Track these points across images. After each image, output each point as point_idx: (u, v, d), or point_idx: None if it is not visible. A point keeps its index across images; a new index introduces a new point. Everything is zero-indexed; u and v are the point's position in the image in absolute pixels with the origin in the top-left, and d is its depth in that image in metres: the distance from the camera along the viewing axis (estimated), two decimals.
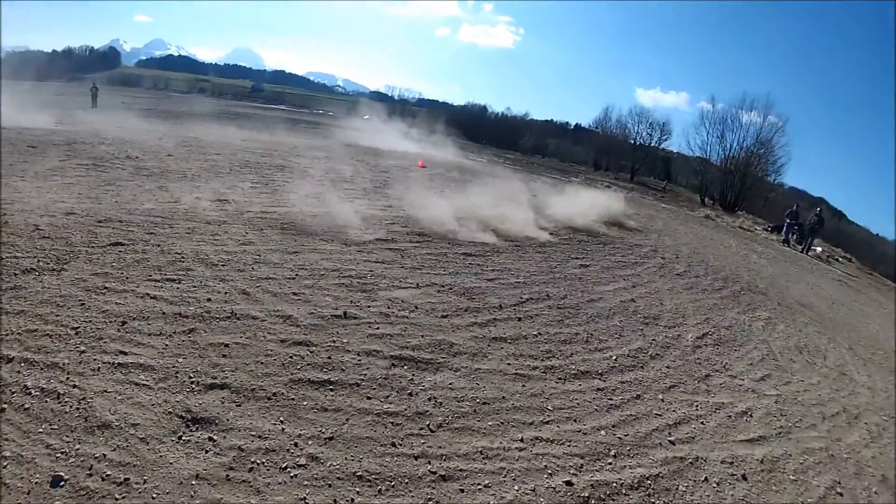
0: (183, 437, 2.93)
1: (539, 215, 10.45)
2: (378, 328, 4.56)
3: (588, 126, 49.50)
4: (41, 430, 2.84)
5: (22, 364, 3.35)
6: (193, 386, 3.38)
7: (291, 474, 2.80)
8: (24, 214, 6.09)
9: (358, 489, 2.79)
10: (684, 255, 10.47)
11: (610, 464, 3.36)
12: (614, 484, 3.19)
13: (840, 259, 19.98)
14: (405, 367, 4.02)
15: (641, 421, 3.91)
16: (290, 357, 3.89)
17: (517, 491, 2.99)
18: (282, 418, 3.21)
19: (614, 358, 4.82)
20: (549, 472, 3.18)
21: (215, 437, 2.96)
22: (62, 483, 2.52)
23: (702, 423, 4.09)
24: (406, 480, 2.90)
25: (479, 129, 49.38)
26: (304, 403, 3.38)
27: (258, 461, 2.84)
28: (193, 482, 2.64)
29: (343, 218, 7.86)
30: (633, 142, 42.30)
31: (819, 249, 19.25)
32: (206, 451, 2.85)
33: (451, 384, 3.89)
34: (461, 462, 3.11)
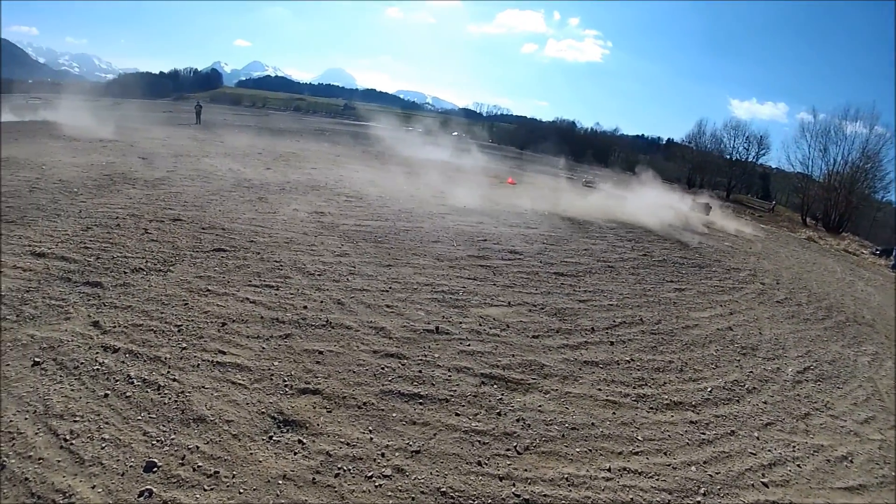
0: (273, 438, 3.02)
1: None
2: (469, 345, 4.54)
3: (681, 141, 47.51)
4: (140, 417, 3.02)
5: (127, 355, 3.62)
6: (287, 389, 3.48)
7: (376, 483, 2.79)
8: (134, 219, 6.65)
9: None
10: (785, 280, 9.70)
11: (699, 502, 3.10)
12: None
13: None
14: (495, 386, 3.95)
15: (734, 459, 3.60)
16: (382, 368, 3.94)
17: None
18: (371, 428, 3.23)
19: (709, 389, 4.50)
20: None
21: (305, 441, 3.02)
22: (155, 469, 2.65)
23: (798, 465, 3.70)
24: (489, 501, 2.81)
25: (569, 144, 48.70)
26: (394, 415, 3.39)
27: (345, 468, 2.86)
28: (280, 482, 2.70)
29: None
30: (728, 157, 40.01)
31: None
32: (295, 453, 2.92)
33: (540, 406, 3.77)
34: (546, 487, 2.98)
